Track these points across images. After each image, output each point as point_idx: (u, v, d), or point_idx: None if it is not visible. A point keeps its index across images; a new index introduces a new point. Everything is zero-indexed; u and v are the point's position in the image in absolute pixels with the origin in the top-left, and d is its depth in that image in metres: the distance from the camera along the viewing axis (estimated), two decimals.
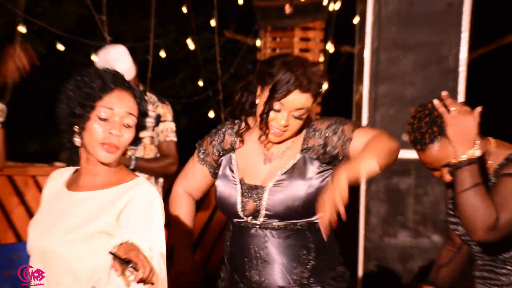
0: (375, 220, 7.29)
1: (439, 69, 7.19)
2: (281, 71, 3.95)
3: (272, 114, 3.99)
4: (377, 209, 7.30)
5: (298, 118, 4.02)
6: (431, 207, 7.20)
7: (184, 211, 4.53)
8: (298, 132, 4.16)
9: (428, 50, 7.23)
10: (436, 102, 4.03)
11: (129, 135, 3.62)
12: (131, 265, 3.09)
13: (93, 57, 6.66)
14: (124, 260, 3.11)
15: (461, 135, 3.89)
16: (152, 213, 3.55)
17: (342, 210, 3.65)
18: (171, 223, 4.56)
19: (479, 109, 3.93)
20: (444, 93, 4.06)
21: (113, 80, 3.58)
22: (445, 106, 3.98)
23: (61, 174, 3.88)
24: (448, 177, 4.13)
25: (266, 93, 3.98)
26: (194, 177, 4.49)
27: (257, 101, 4.10)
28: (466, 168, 3.89)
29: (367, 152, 3.89)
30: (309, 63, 4.08)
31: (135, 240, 3.34)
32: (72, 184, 3.75)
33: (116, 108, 3.54)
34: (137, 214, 3.51)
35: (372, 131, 4.16)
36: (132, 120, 3.60)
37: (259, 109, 4.05)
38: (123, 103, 3.57)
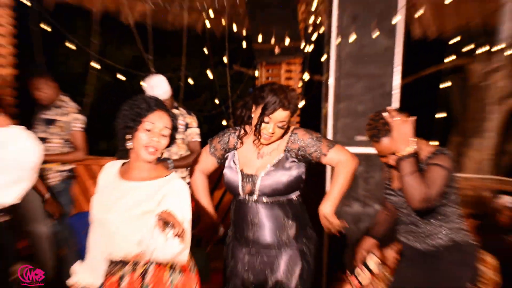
0: None
1: (380, 92, 7.17)
2: (269, 95, 4.12)
3: (263, 125, 4.17)
4: None
5: (281, 127, 4.20)
6: (374, 186, 7.18)
7: (202, 184, 4.64)
8: (282, 136, 4.31)
9: (373, 79, 7.19)
10: (385, 114, 4.27)
11: (164, 142, 3.80)
12: (170, 223, 3.34)
13: (142, 83, 6.64)
14: (166, 221, 3.35)
15: (402, 137, 4.13)
16: (182, 200, 3.71)
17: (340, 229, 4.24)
18: (194, 191, 4.68)
19: (413, 118, 4.18)
20: (390, 108, 4.34)
21: (155, 103, 3.76)
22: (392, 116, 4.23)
23: (113, 165, 3.97)
24: (392, 162, 4.34)
25: (259, 111, 4.16)
26: (205, 164, 4.59)
27: (252, 115, 4.26)
28: (406, 160, 4.12)
29: (339, 186, 4.29)
30: (289, 89, 4.24)
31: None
32: (124, 175, 3.87)
33: (156, 123, 3.74)
34: (172, 201, 3.66)
35: (341, 154, 4.34)
36: (167, 132, 3.79)
37: (254, 121, 4.22)
38: (161, 120, 3.76)
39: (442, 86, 9.82)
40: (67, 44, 9.44)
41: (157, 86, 6.63)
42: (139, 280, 3.71)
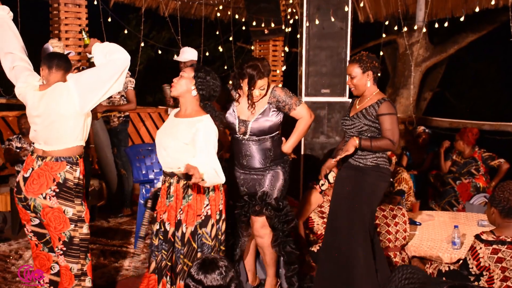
0: (310, 130, 7.22)
1: (336, 59, 7.09)
2: (248, 71, 4.02)
3: (253, 91, 4.07)
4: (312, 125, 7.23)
5: (262, 89, 4.08)
6: (334, 123, 7.12)
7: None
8: (265, 93, 4.17)
9: (332, 49, 7.11)
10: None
11: (181, 82, 3.64)
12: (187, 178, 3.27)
13: (175, 57, 6.62)
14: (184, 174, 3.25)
15: (349, 150, 4.10)
16: (208, 135, 3.52)
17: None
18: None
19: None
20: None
21: (180, 67, 3.70)
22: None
23: (174, 111, 3.82)
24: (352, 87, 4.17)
25: (246, 83, 4.06)
26: None
27: (242, 85, 4.12)
28: (361, 145, 4.01)
29: (297, 134, 4.27)
30: (261, 61, 4.11)
31: (199, 157, 3.43)
32: (176, 115, 3.72)
33: (183, 73, 3.64)
34: (200, 136, 3.51)
35: (304, 112, 4.25)
36: (187, 76, 3.65)
37: (244, 90, 4.12)
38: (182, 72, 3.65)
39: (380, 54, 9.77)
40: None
41: (186, 52, 6.67)
42: (182, 189, 3.61)
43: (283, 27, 9.50)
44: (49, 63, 3.66)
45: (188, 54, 6.62)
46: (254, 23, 9.28)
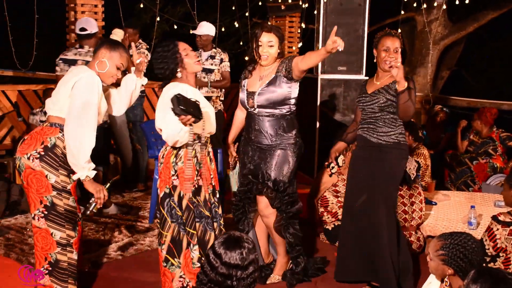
0: (326, 108, 7.21)
1: (354, 35, 7.07)
2: (257, 29, 4.10)
3: (259, 48, 4.07)
4: (328, 103, 7.24)
5: (271, 47, 4.07)
6: (350, 101, 7.11)
7: (237, 119, 4.54)
8: (275, 64, 4.17)
9: (349, 26, 7.08)
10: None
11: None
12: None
13: (192, 31, 6.62)
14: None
15: (402, 76, 3.87)
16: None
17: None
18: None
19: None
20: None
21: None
22: None
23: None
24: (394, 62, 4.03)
25: (255, 42, 4.07)
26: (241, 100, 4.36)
27: (254, 53, 4.13)
28: (406, 92, 3.86)
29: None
30: (270, 24, 4.22)
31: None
32: None
33: None
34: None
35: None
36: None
37: (256, 51, 4.11)
38: None
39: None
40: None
41: (203, 26, 6.68)
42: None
43: (300, 3, 9.41)
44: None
45: (204, 28, 6.61)
46: None
